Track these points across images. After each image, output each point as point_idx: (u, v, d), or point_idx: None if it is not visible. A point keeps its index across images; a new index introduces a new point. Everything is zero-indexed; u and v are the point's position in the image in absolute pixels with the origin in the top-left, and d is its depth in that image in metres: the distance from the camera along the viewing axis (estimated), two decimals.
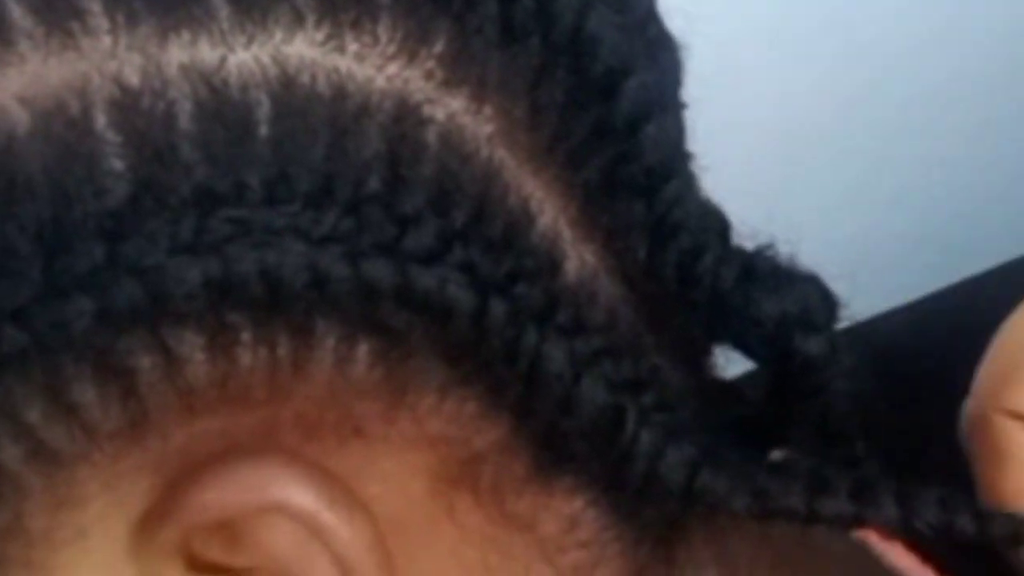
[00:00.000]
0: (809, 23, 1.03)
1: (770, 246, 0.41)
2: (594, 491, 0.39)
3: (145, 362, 0.34)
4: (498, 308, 0.36)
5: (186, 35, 0.34)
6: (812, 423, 0.42)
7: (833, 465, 0.41)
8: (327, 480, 0.35)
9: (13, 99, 0.33)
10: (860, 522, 0.40)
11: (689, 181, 0.40)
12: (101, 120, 0.34)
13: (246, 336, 0.34)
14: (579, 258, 0.38)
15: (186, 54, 0.34)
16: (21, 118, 0.33)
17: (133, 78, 0.34)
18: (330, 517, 0.35)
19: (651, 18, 0.41)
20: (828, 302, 0.41)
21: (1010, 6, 1.11)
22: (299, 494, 0.35)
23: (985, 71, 1.08)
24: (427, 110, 0.36)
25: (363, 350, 0.35)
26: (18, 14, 0.34)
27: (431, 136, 0.36)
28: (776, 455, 0.43)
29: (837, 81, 1.02)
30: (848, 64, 1.03)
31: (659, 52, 0.41)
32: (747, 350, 0.41)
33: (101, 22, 0.34)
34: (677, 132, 0.40)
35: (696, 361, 0.42)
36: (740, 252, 0.41)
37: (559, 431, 0.37)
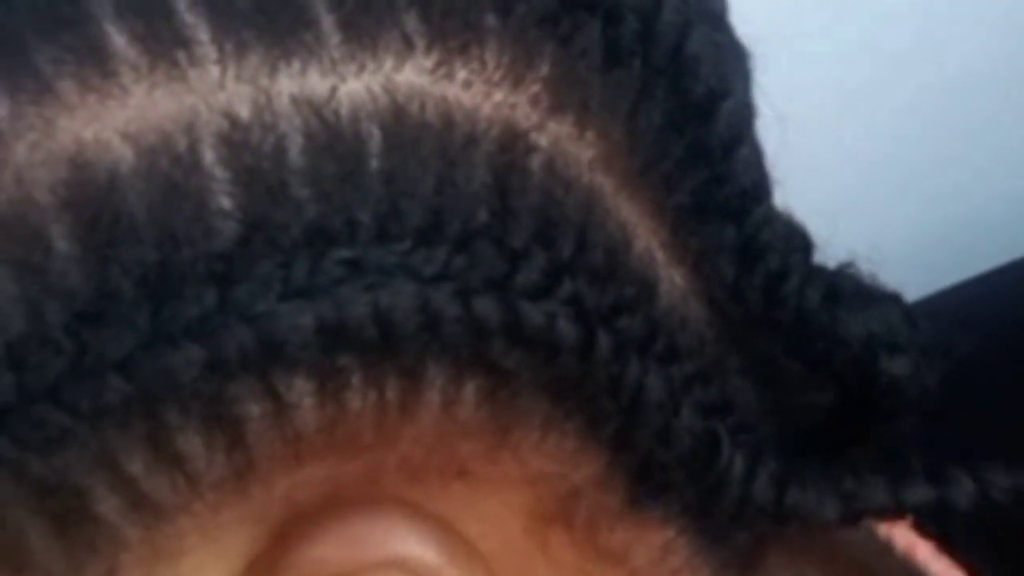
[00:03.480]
0: (809, 23, 1.03)
1: (851, 264, 0.41)
2: (685, 519, 0.38)
3: (253, 410, 0.32)
4: (604, 341, 0.35)
5: (296, 64, 0.32)
6: (883, 438, 0.42)
7: (886, 454, 0.41)
8: (446, 532, 0.34)
9: (116, 134, 0.31)
10: (943, 504, 0.40)
11: (771, 199, 0.39)
12: (209, 156, 0.32)
13: (356, 379, 0.33)
14: (670, 281, 0.37)
15: (296, 84, 0.32)
16: (125, 155, 0.31)
17: (243, 111, 0.32)
18: (452, 571, 0.34)
19: (728, 26, 0.40)
20: (911, 321, 0.40)
21: (1011, 6, 1.11)
22: (420, 548, 0.33)
23: (986, 71, 1.08)
24: (533, 137, 0.34)
25: (470, 390, 0.34)
26: (121, 43, 0.31)
27: (536, 164, 0.34)
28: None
29: (837, 81, 1.02)
30: (848, 64, 1.02)
31: (740, 65, 0.40)
32: (830, 371, 0.40)
33: (209, 51, 0.32)
34: (760, 149, 0.40)
35: (773, 379, 0.41)
36: (823, 271, 0.40)
37: (655, 461, 0.36)
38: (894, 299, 0.40)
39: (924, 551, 0.46)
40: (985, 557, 0.47)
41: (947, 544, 0.44)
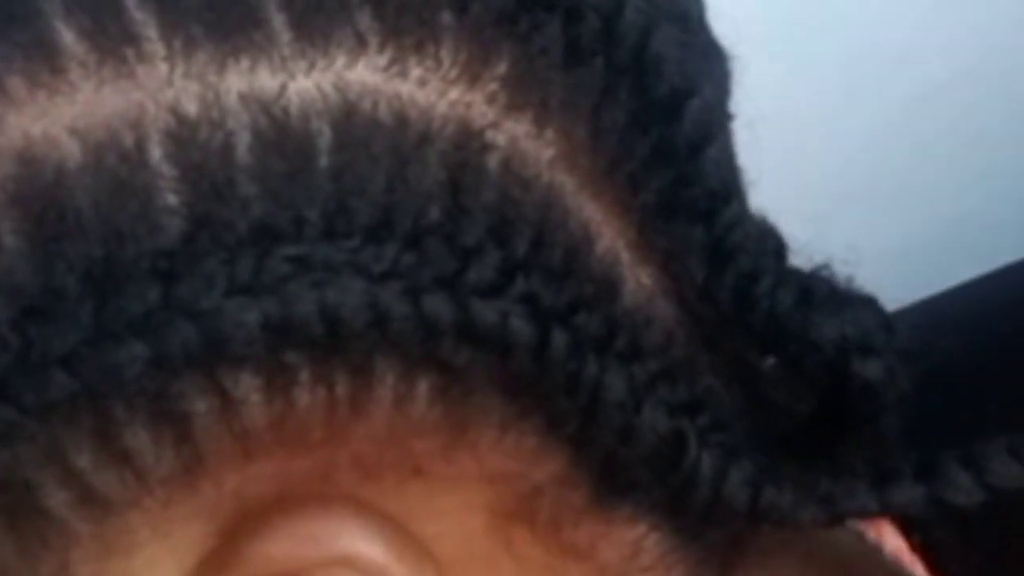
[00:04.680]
0: (809, 22, 1.02)
1: (826, 266, 0.40)
2: (656, 516, 0.38)
3: (200, 405, 0.32)
4: (560, 340, 0.34)
5: (245, 61, 0.32)
6: (863, 441, 0.41)
7: (876, 452, 0.40)
8: (395, 530, 0.34)
9: (64, 130, 0.32)
10: (935, 501, 0.39)
11: (744, 200, 0.39)
12: (156, 153, 0.32)
13: (304, 376, 0.33)
14: (636, 281, 0.37)
15: (245, 82, 0.32)
16: (72, 150, 0.32)
17: (190, 108, 0.32)
18: (400, 569, 0.34)
19: (703, 28, 0.40)
20: (886, 325, 0.40)
21: (1011, 5, 1.10)
22: (368, 546, 0.33)
23: (986, 71, 1.07)
24: (489, 135, 0.34)
25: (423, 387, 0.34)
26: (69, 39, 0.32)
27: (493, 162, 0.34)
28: None
29: (837, 81, 1.01)
30: (848, 64, 1.02)
31: (713, 65, 0.39)
32: (803, 373, 0.40)
33: (157, 48, 0.32)
34: (731, 150, 0.39)
35: (747, 379, 0.41)
36: (797, 274, 0.39)
37: (619, 459, 0.36)
38: (869, 302, 0.40)
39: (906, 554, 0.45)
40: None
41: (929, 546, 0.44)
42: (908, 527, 0.45)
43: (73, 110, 0.32)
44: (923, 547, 0.46)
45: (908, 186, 1.03)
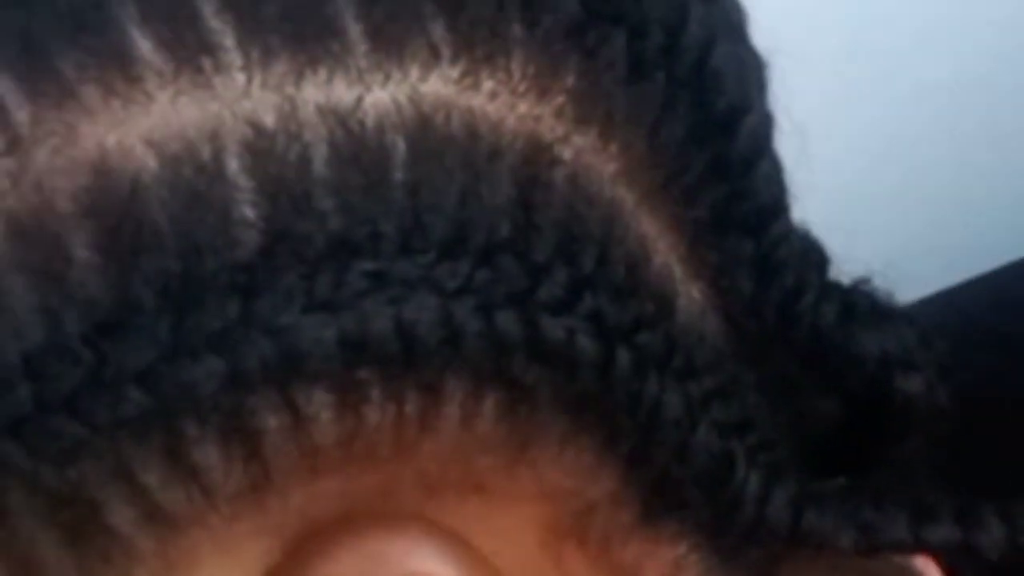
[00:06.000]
0: (809, 22, 1.02)
1: (867, 280, 0.40)
2: (698, 535, 0.38)
3: (272, 422, 0.32)
4: (624, 358, 0.34)
5: (323, 73, 0.32)
6: (896, 465, 0.41)
7: (925, 489, 0.41)
8: (463, 548, 0.34)
9: (139, 141, 0.31)
10: (967, 547, 0.39)
11: (790, 214, 0.39)
12: (233, 165, 0.31)
13: (375, 393, 0.32)
14: (688, 296, 0.37)
15: (322, 93, 0.32)
16: (148, 162, 0.31)
17: (268, 119, 0.31)
18: None
19: (748, 38, 0.40)
20: (926, 340, 0.40)
21: (1010, 5, 1.11)
22: (438, 566, 0.33)
23: (987, 70, 1.08)
24: (558, 150, 0.34)
25: (490, 405, 0.34)
26: (146, 49, 0.31)
27: (560, 177, 0.34)
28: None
29: (837, 80, 1.02)
30: (848, 63, 1.02)
31: (760, 77, 0.39)
32: (844, 388, 0.40)
33: (235, 58, 0.31)
34: (779, 163, 0.39)
35: (789, 397, 0.41)
36: (839, 288, 0.40)
37: (671, 478, 0.36)
38: (908, 317, 0.40)
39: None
40: None
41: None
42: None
43: (149, 120, 0.31)
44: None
45: (908, 186, 1.04)
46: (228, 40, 0.31)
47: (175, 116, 0.31)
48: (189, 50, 0.31)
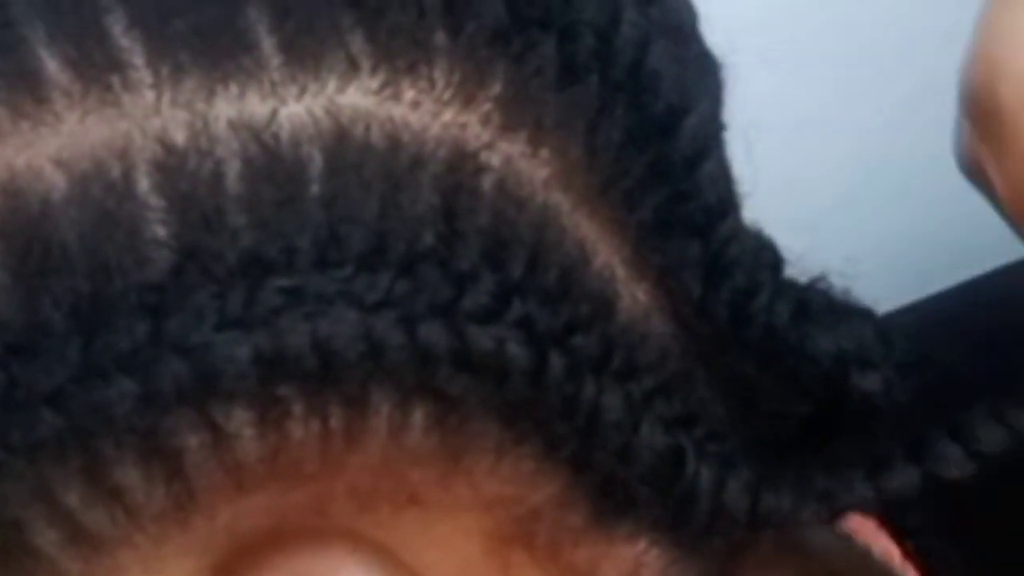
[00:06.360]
0: (809, 21, 1.01)
1: (823, 278, 0.40)
2: (656, 532, 0.37)
3: (191, 441, 0.32)
4: (557, 363, 0.34)
5: (234, 88, 0.32)
6: (854, 437, 0.41)
7: (878, 440, 0.40)
8: (392, 563, 0.33)
9: (48, 162, 0.31)
10: (931, 480, 0.39)
11: (739, 214, 0.39)
12: (144, 183, 0.31)
13: (297, 409, 0.32)
14: (631, 297, 0.37)
15: (234, 108, 0.32)
16: (57, 182, 0.31)
17: (178, 136, 0.31)
18: None
19: (696, 39, 0.39)
20: (884, 337, 0.39)
21: None
22: None
23: None
24: (484, 157, 0.34)
25: (418, 416, 0.33)
26: (53, 68, 0.31)
27: (487, 184, 0.34)
28: None
29: (837, 79, 1.01)
30: (848, 63, 1.01)
31: (707, 77, 0.39)
32: (800, 387, 0.40)
33: (144, 76, 0.31)
34: (726, 163, 0.39)
35: (742, 391, 0.40)
36: (793, 287, 0.39)
37: (618, 478, 0.36)
38: (867, 314, 0.40)
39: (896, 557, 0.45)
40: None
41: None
42: (900, 533, 0.45)
43: (58, 141, 0.31)
44: (914, 553, 0.46)
45: (907, 186, 1.03)
46: (137, 57, 0.31)
47: (84, 135, 0.31)
48: (97, 68, 0.31)
